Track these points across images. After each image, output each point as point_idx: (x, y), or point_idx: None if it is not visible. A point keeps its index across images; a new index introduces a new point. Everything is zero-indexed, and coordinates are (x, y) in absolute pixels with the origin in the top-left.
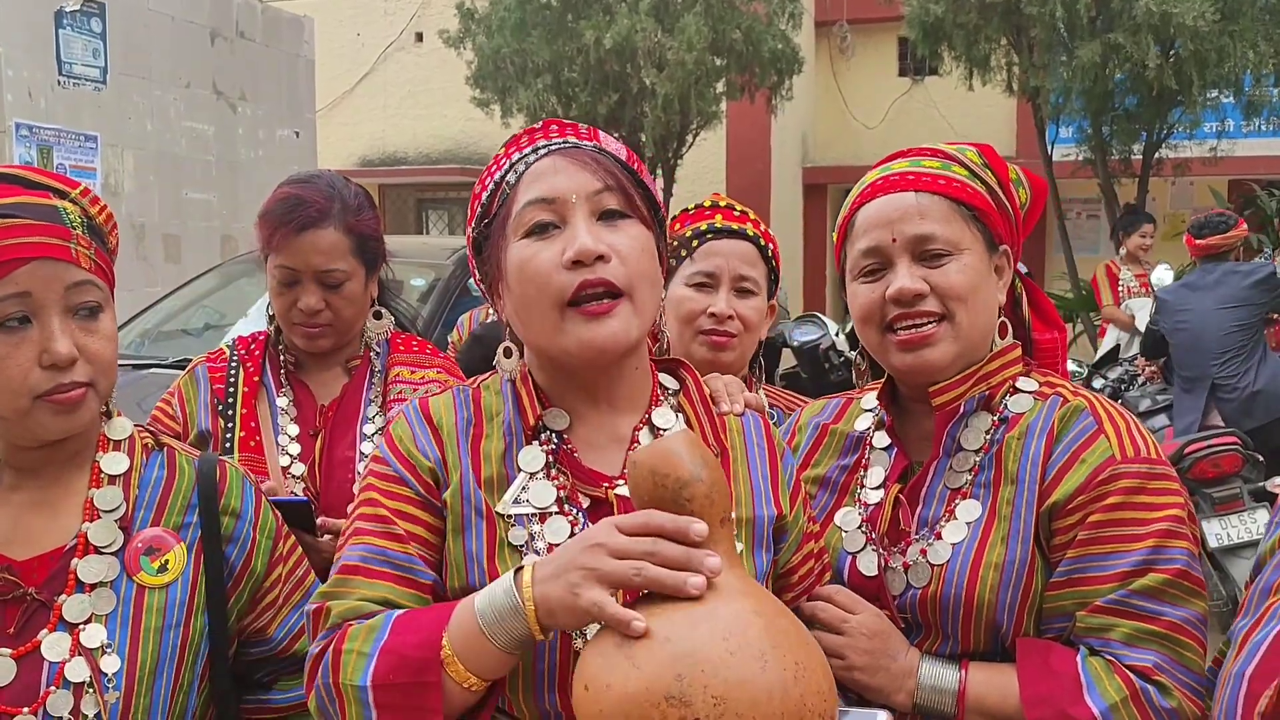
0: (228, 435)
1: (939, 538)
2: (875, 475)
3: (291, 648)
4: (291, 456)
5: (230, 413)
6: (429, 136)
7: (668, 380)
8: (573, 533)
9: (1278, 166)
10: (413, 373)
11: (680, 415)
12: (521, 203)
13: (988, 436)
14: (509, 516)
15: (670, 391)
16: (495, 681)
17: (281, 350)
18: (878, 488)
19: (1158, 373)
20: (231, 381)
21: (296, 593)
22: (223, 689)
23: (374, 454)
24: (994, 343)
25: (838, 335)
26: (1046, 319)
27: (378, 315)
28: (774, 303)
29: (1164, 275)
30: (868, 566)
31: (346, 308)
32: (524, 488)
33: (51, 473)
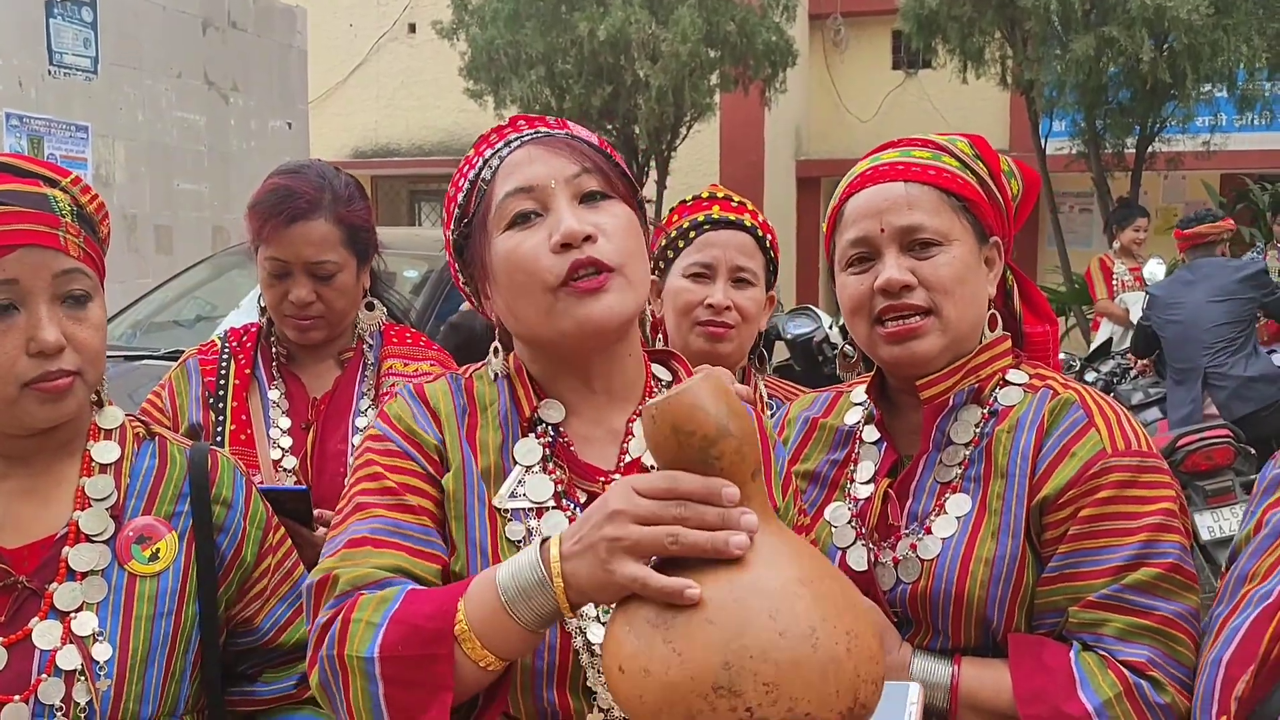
0: (218, 428)
1: (929, 532)
2: (865, 470)
3: (277, 639)
4: (283, 449)
5: (221, 405)
6: (422, 128)
7: (660, 372)
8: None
9: (1270, 160)
10: (406, 365)
11: None
12: (500, 195)
13: (977, 430)
14: (506, 511)
15: (664, 383)
16: (508, 670)
17: (273, 342)
18: (867, 482)
19: (1150, 366)
20: (223, 374)
21: (284, 584)
22: (213, 678)
23: (369, 432)
24: (983, 335)
25: (831, 328)
26: (1038, 312)
27: (370, 306)
28: (772, 294)
29: (1156, 269)
30: (857, 562)
31: (338, 299)
32: (520, 481)
33: (42, 461)
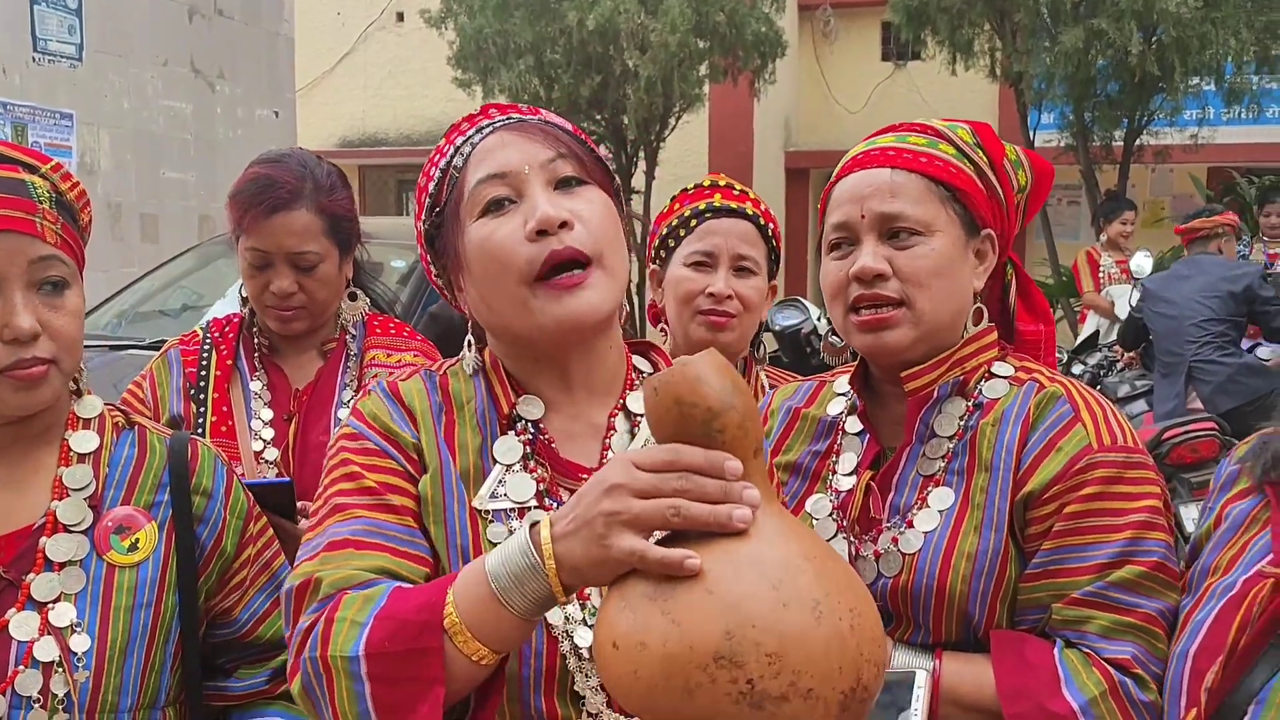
0: (199, 420)
1: (910, 526)
2: (847, 461)
3: (255, 631)
4: (265, 441)
5: (202, 397)
6: (410, 117)
7: (641, 363)
8: None
9: (1257, 154)
10: (389, 356)
11: None
12: (473, 182)
13: (961, 423)
14: (486, 513)
15: (645, 375)
16: (500, 671)
17: (256, 333)
18: (850, 474)
19: (1136, 359)
20: (204, 365)
21: (263, 575)
22: (193, 669)
23: (344, 430)
24: (966, 328)
25: (819, 320)
26: (1034, 310)
27: (353, 297)
28: (774, 283)
29: (1143, 262)
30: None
31: (320, 290)
32: (500, 481)
33: (19, 450)
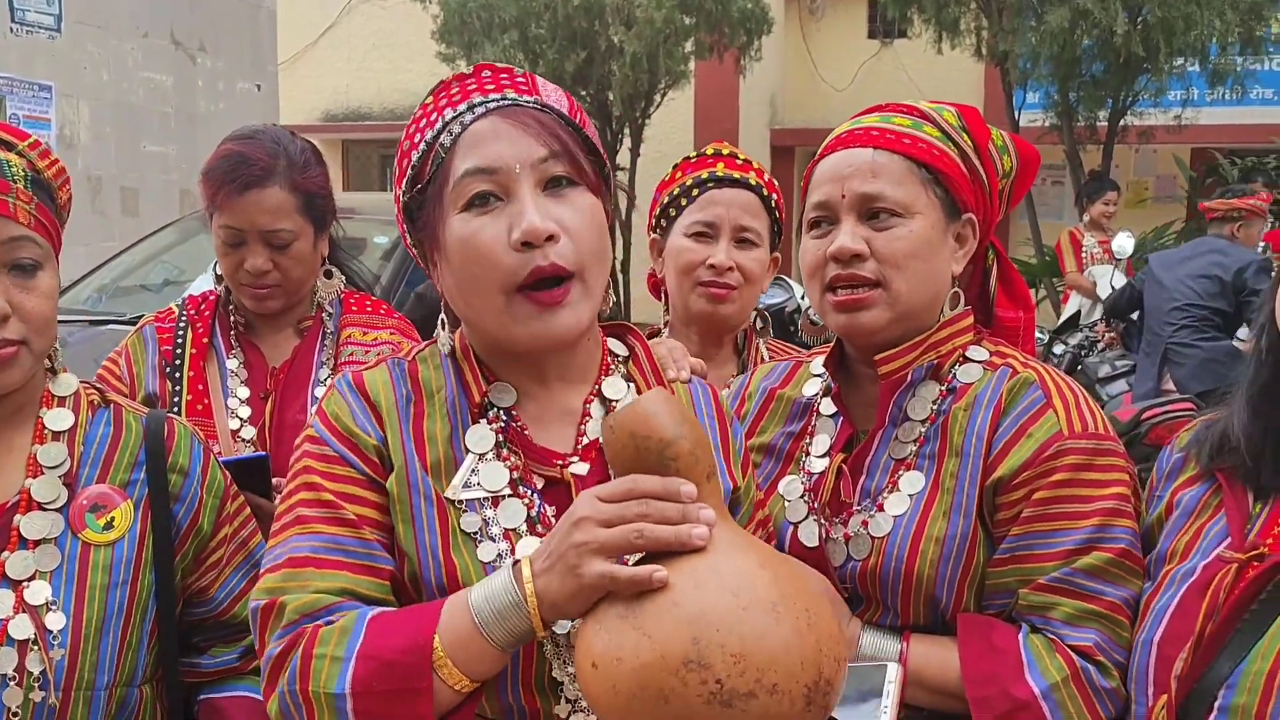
0: (175, 398)
1: (881, 509)
2: (821, 444)
3: (231, 610)
4: (241, 420)
5: (178, 375)
6: (394, 91)
7: (616, 346)
8: (528, 515)
9: (1240, 135)
10: (365, 334)
11: (631, 384)
12: (459, 171)
13: (935, 407)
14: (459, 502)
15: (620, 359)
16: (479, 691)
17: (232, 311)
18: (823, 456)
19: (1117, 339)
20: (179, 343)
21: (240, 554)
22: (170, 648)
23: (307, 433)
24: (943, 312)
25: (803, 299)
26: (1015, 297)
27: (329, 274)
28: (776, 255)
29: (1125, 242)
30: (809, 537)
31: (295, 268)
32: (473, 470)
33: None
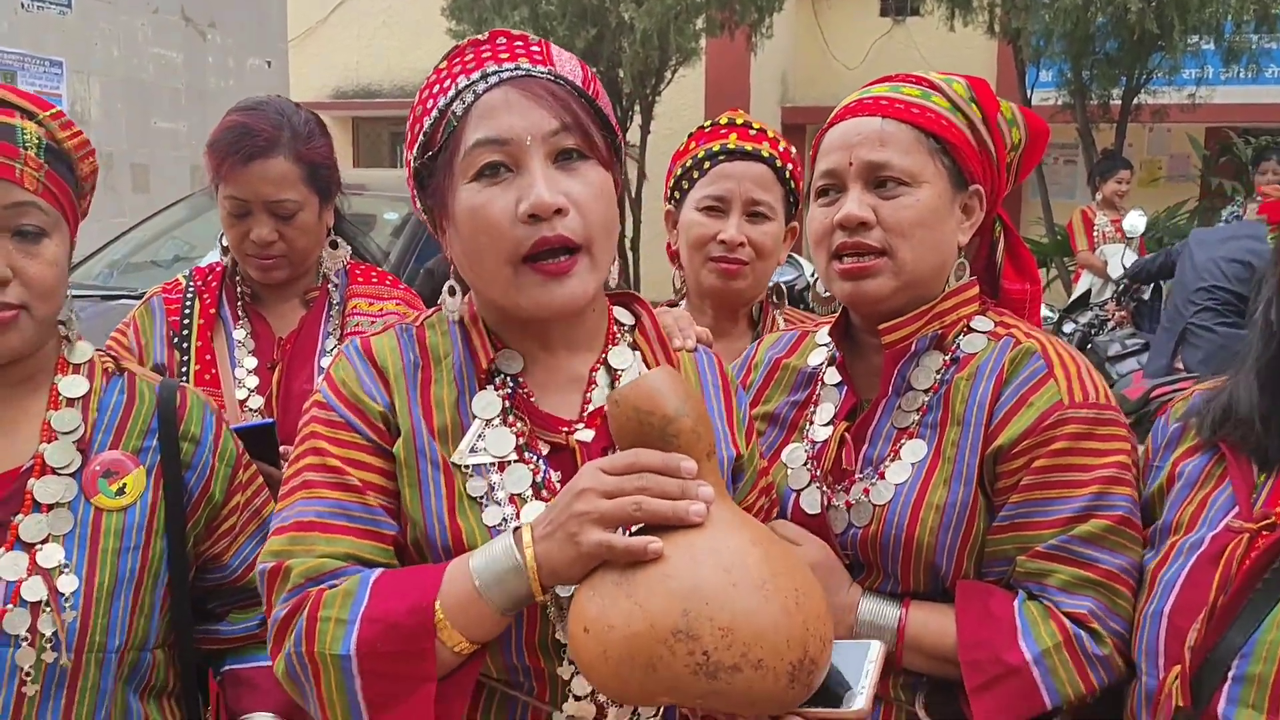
0: (183, 368)
1: (882, 478)
2: (824, 412)
3: (245, 576)
4: (249, 389)
5: (186, 345)
6: (404, 69)
7: (622, 315)
8: (533, 480)
9: (1255, 114)
10: (370, 304)
11: (636, 353)
12: (470, 141)
13: (938, 376)
14: (465, 467)
15: (626, 328)
16: (479, 654)
17: (238, 282)
18: (826, 425)
19: (1128, 317)
20: (187, 313)
21: (253, 522)
22: (183, 614)
23: (315, 399)
24: (948, 282)
25: (813, 276)
26: (1021, 269)
27: (334, 245)
28: (794, 225)
29: (1137, 221)
30: (811, 504)
31: (300, 238)
32: (480, 435)
33: (6, 394)
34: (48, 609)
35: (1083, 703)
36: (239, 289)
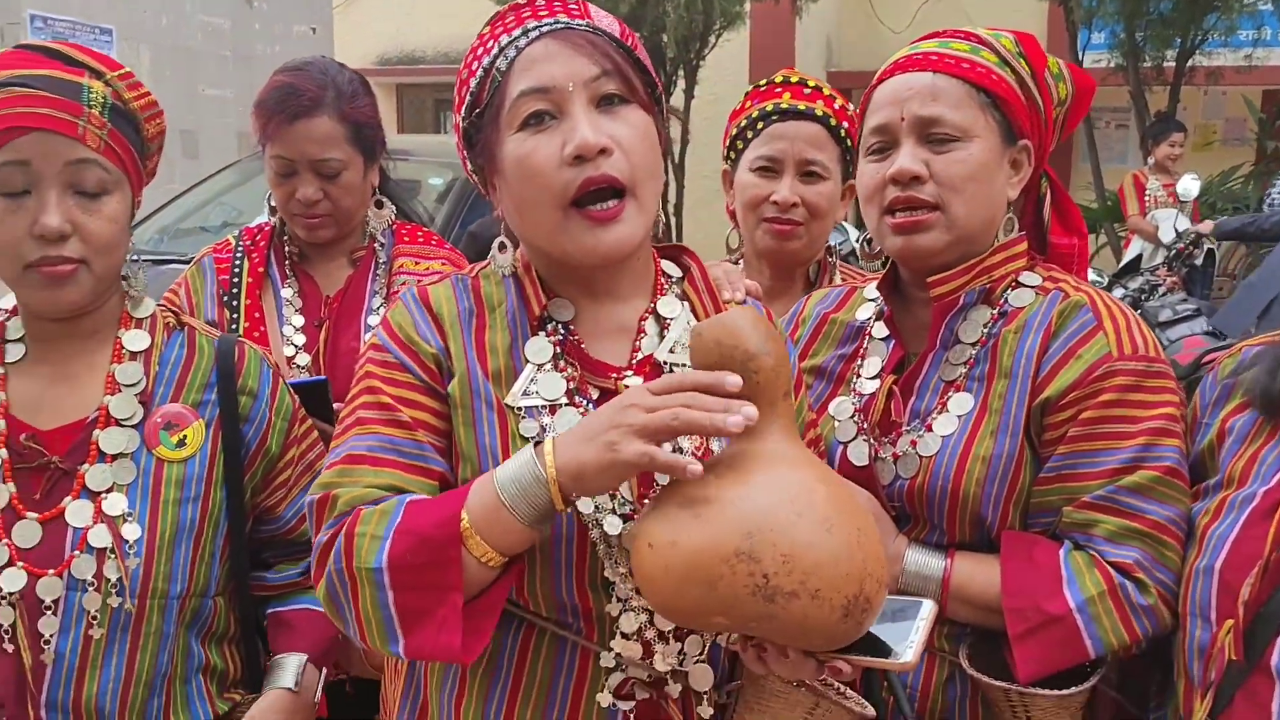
0: (232, 326)
1: (929, 429)
2: (872, 365)
3: (298, 529)
4: (296, 347)
5: (235, 303)
6: (447, 35)
7: (670, 268)
8: None
9: None
10: (417, 263)
11: (685, 304)
12: (515, 93)
13: (985, 330)
14: (518, 409)
15: (674, 280)
16: (511, 565)
17: (286, 241)
18: (873, 378)
19: (1179, 283)
20: (236, 272)
21: (306, 475)
22: (240, 563)
23: (370, 341)
24: (998, 236)
25: (858, 242)
26: (1068, 223)
27: (379, 205)
28: (851, 184)
29: (1190, 185)
30: (858, 456)
31: (345, 197)
32: (532, 379)
33: (73, 347)
34: (112, 555)
35: (1127, 653)
36: (287, 248)
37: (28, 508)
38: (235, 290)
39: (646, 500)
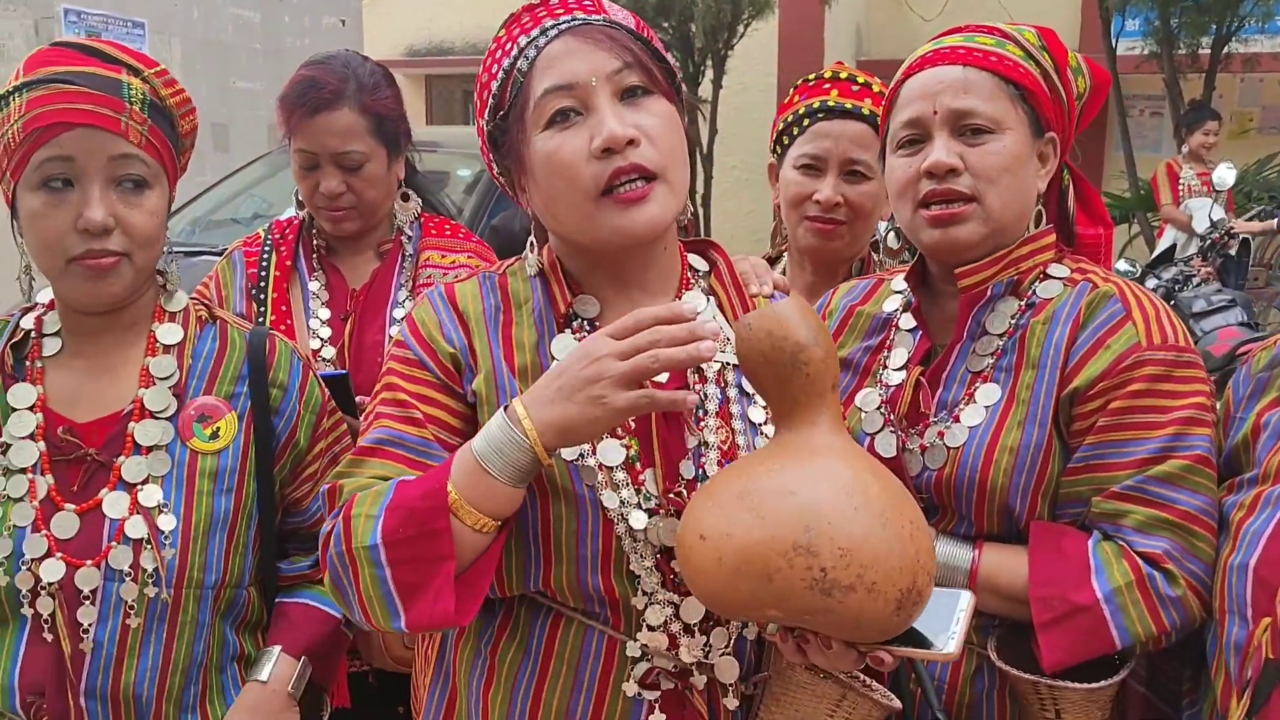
0: (259, 319)
1: (957, 420)
2: (898, 357)
3: (322, 522)
4: (322, 340)
5: (262, 296)
6: (476, 26)
7: (697, 262)
8: None
9: None
10: (443, 257)
11: (711, 298)
12: (538, 91)
13: (1013, 321)
14: None
15: (700, 274)
16: (501, 531)
17: (314, 235)
18: (900, 369)
19: (1213, 273)
20: (264, 265)
21: (332, 468)
22: (269, 555)
23: (396, 337)
24: (1028, 228)
25: (887, 234)
26: (1092, 214)
27: (405, 198)
28: None
29: (1226, 174)
30: (885, 448)
31: (368, 190)
32: None
33: (110, 341)
34: (148, 546)
35: (1156, 645)
36: (315, 241)
37: (66, 499)
38: (263, 283)
39: (672, 495)
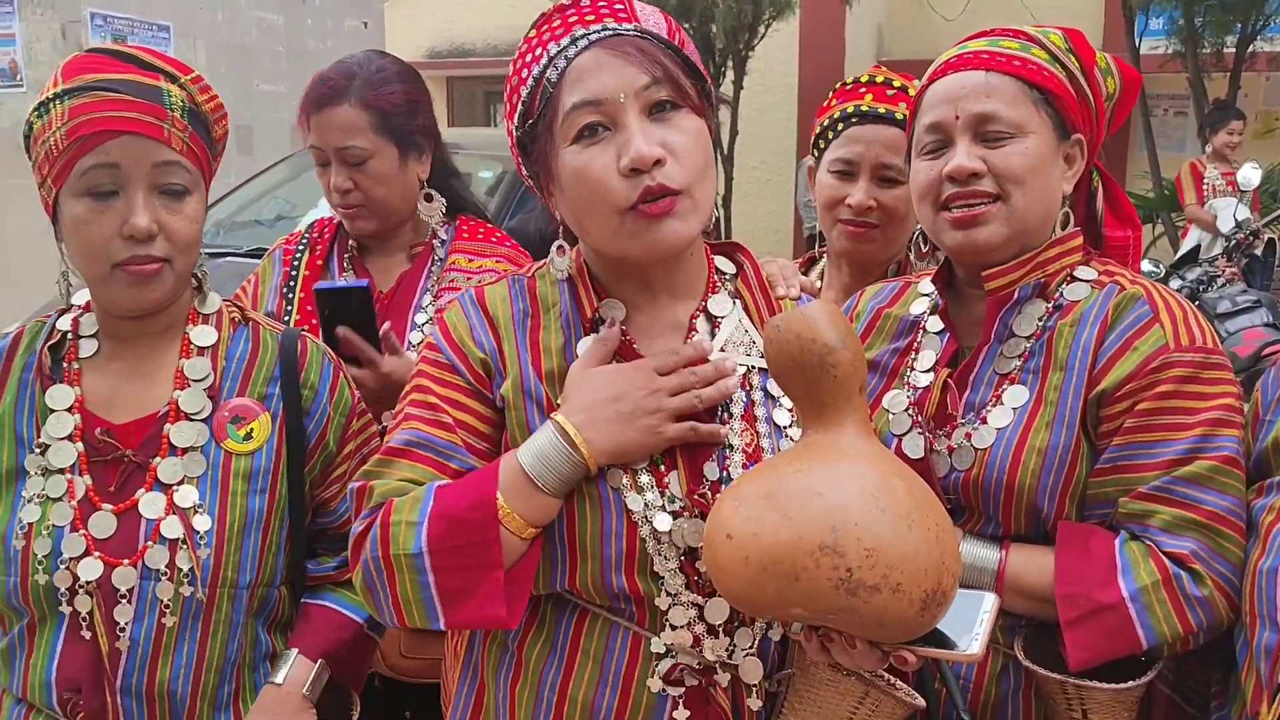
0: (286, 318)
1: (984, 422)
2: (926, 359)
3: (349, 524)
4: None
5: (290, 296)
6: (497, 28)
7: (724, 265)
8: None
9: None
10: (470, 261)
11: (738, 301)
12: (567, 105)
13: (1040, 323)
14: None
15: (727, 277)
16: (539, 535)
17: (348, 235)
18: (927, 371)
19: (1238, 274)
20: (295, 265)
21: (360, 469)
22: (300, 555)
23: (427, 340)
24: (1054, 231)
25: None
26: (1120, 215)
27: (429, 198)
28: None
29: (1251, 174)
30: (913, 449)
31: (375, 187)
32: None
33: (146, 343)
34: (184, 546)
35: (1184, 646)
36: (349, 241)
37: (103, 499)
38: (292, 283)
39: (696, 496)
